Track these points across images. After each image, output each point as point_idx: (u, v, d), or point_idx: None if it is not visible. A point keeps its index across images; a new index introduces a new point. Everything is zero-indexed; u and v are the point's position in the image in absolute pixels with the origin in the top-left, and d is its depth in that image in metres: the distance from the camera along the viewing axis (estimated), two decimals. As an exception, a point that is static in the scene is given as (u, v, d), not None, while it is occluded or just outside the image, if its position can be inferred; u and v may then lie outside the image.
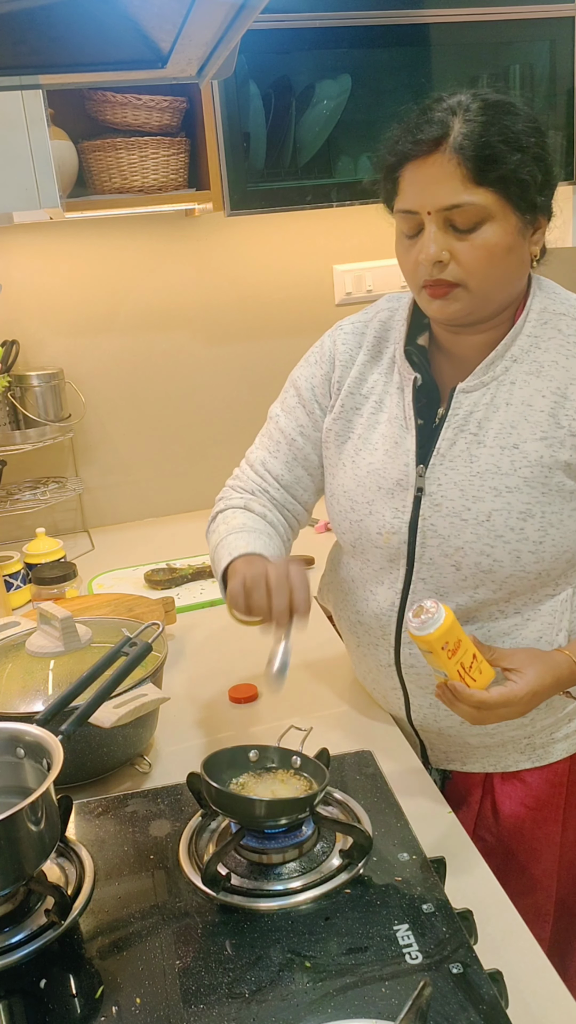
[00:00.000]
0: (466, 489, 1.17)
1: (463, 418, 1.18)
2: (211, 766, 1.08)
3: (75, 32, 0.78)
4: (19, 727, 1.06)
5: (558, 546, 1.16)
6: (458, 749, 1.32)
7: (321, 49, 1.94)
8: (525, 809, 1.31)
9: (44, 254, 2.20)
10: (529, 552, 1.16)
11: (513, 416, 1.16)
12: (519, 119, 1.09)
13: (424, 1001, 0.76)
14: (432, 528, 1.19)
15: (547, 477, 1.14)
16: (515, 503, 1.15)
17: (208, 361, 2.39)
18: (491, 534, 1.16)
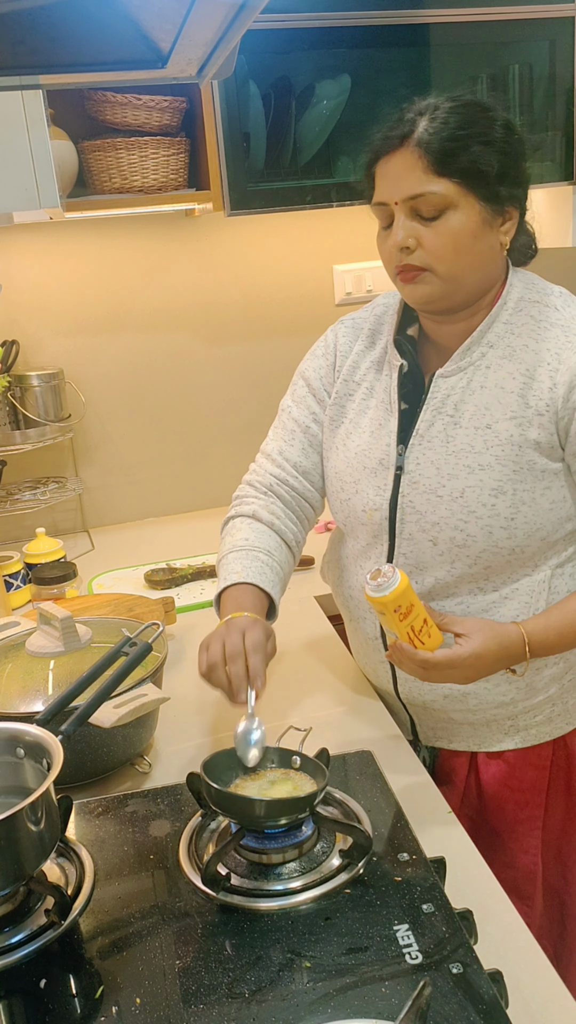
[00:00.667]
0: (442, 467, 1.24)
1: (441, 401, 1.25)
2: (211, 767, 1.08)
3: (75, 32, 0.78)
4: (19, 727, 1.06)
5: (530, 523, 1.21)
6: (444, 725, 1.37)
7: (321, 49, 1.94)
8: (508, 790, 1.35)
9: (44, 254, 2.20)
10: (501, 528, 1.21)
11: (487, 398, 1.22)
12: (485, 115, 1.17)
13: (424, 1001, 0.76)
14: (411, 505, 1.26)
15: (518, 455, 1.20)
16: (487, 480, 1.21)
17: (208, 361, 2.39)
18: (464, 510, 1.22)
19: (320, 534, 2.19)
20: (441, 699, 1.32)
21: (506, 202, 1.19)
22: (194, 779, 1.14)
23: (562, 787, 1.37)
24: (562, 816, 1.38)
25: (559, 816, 1.38)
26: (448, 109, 1.16)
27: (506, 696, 1.30)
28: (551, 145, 2.15)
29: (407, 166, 1.16)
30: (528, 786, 1.35)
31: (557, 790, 1.37)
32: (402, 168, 1.16)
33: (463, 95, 1.18)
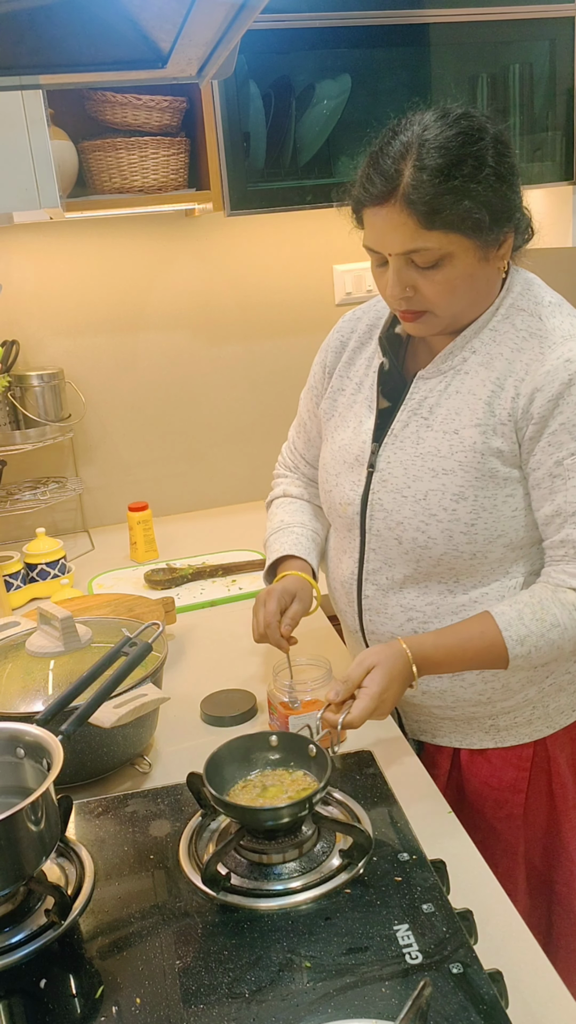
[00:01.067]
0: (409, 468, 1.25)
1: (418, 402, 1.27)
2: (214, 765, 1.09)
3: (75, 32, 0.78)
4: (19, 727, 1.06)
5: (491, 529, 1.22)
6: (427, 720, 1.39)
7: (321, 49, 1.94)
8: (488, 788, 1.37)
9: (44, 254, 2.20)
10: (461, 533, 1.22)
11: (459, 403, 1.23)
12: (468, 154, 1.10)
13: (424, 1001, 0.76)
14: (379, 502, 1.28)
15: (480, 463, 1.21)
16: (450, 485, 1.22)
17: (208, 361, 2.39)
18: (426, 512, 1.24)
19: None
20: (420, 694, 1.34)
21: (502, 232, 1.17)
22: (194, 779, 1.14)
23: (543, 789, 1.38)
24: (545, 817, 1.39)
25: (542, 817, 1.39)
26: (432, 150, 1.10)
27: (483, 695, 1.31)
28: (551, 145, 2.15)
29: (396, 222, 1.13)
30: (507, 785, 1.36)
31: (538, 792, 1.37)
32: (391, 223, 1.13)
33: (447, 120, 1.12)
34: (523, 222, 1.22)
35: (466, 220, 1.12)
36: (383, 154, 1.13)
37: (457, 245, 1.13)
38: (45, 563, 1.96)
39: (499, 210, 1.14)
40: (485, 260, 1.17)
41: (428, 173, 1.09)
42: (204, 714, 1.41)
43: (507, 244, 1.19)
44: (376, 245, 1.18)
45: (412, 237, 1.13)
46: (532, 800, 1.37)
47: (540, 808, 1.38)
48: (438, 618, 1.28)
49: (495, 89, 2.09)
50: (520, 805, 1.36)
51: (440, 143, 1.11)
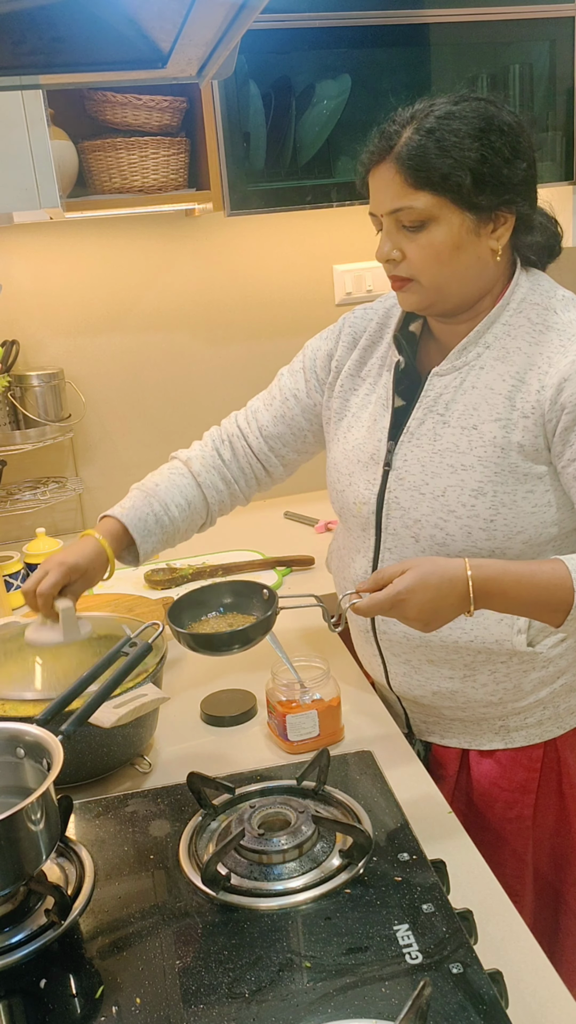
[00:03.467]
0: (427, 465, 1.25)
1: (433, 399, 1.26)
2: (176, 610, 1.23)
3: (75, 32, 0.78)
4: (19, 727, 1.06)
5: (510, 525, 1.21)
6: (435, 720, 1.39)
7: (321, 49, 1.94)
8: (498, 789, 1.36)
9: (44, 254, 2.20)
10: (480, 529, 1.21)
11: (476, 399, 1.22)
12: (463, 124, 1.14)
13: (424, 1001, 0.76)
14: (396, 500, 1.27)
15: (500, 457, 1.20)
16: (468, 480, 1.21)
17: (208, 361, 2.39)
18: (445, 508, 1.22)
19: (320, 534, 2.19)
20: (430, 695, 1.34)
21: (495, 208, 1.17)
22: (194, 779, 1.14)
23: (553, 789, 1.37)
24: (555, 818, 1.38)
25: (551, 818, 1.38)
26: (427, 119, 1.14)
27: (494, 696, 1.30)
28: (551, 145, 2.15)
29: (388, 179, 1.17)
30: (517, 787, 1.35)
31: (548, 792, 1.37)
32: (384, 181, 1.17)
33: (455, 98, 1.17)
34: (533, 218, 1.22)
35: (448, 180, 1.13)
36: (391, 120, 1.18)
37: (443, 209, 1.15)
38: (45, 563, 1.96)
39: (486, 179, 1.14)
40: (475, 234, 1.17)
41: (422, 134, 1.14)
42: (204, 714, 1.41)
43: (504, 226, 1.19)
44: (373, 207, 1.21)
45: (399, 194, 1.16)
46: (541, 801, 1.36)
47: (549, 810, 1.37)
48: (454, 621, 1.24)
49: (495, 89, 2.08)
50: (530, 806, 1.35)
51: (442, 112, 1.15)
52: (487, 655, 1.28)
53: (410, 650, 1.33)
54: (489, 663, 1.29)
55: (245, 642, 1.19)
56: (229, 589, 1.30)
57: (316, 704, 1.29)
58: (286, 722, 1.28)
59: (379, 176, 1.18)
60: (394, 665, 1.37)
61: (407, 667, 1.35)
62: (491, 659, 1.28)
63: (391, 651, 1.36)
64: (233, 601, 1.28)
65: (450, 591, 1.07)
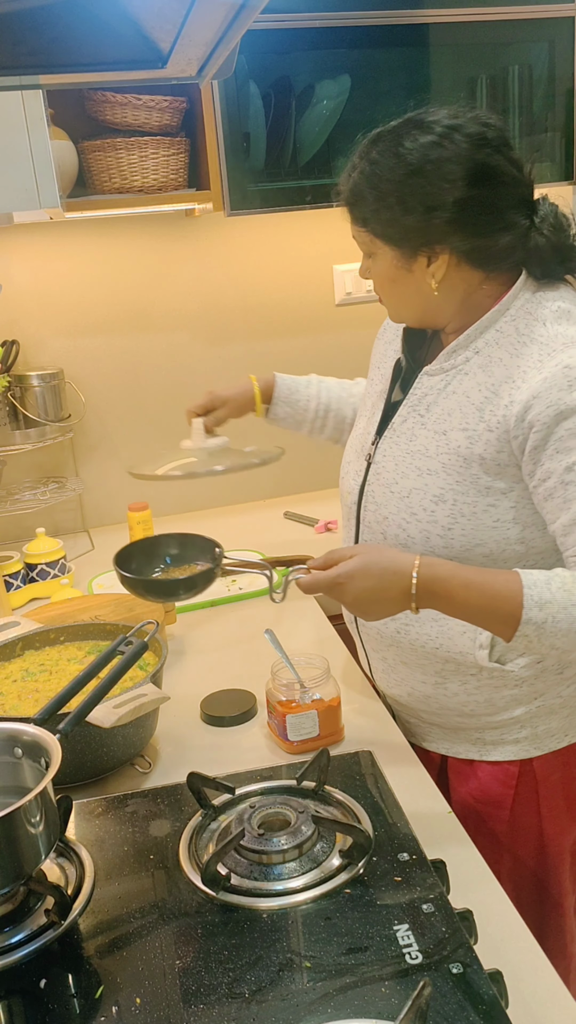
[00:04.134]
0: (399, 464, 1.27)
1: (418, 399, 1.28)
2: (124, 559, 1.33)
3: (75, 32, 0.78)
4: (17, 727, 1.06)
5: (468, 537, 1.20)
6: (416, 722, 1.41)
7: (321, 49, 1.94)
8: (474, 800, 1.35)
9: (44, 254, 2.20)
10: (438, 536, 1.21)
11: (453, 404, 1.23)
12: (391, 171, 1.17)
13: (424, 1001, 0.76)
14: (371, 495, 1.30)
15: (463, 468, 1.19)
16: (431, 486, 1.22)
17: (208, 361, 2.39)
18: (408, 510, 1.24)
19: (320, 534, 2.19)
20: (406, 695, 1.35)
21: (425, 245, 1.17)
22: (194, 779, 1.14)
23: (532, 810, 1.34)
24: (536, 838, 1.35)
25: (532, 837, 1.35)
26: (365, 159, 1.20)
27: (465, 707, 1.30)
28: (551, 145, 2.15)
29: (344, 215, 1.26)
30: (492, 800, 1.33)
31: (526, 811, 1.33)
32: (343, 215, 1.26)
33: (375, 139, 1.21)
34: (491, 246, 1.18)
35: (377, 217, 1.20)
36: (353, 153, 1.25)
37: (376, 246, 1.22)
38: (45, 563, 1.96)
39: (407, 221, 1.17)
40: (406, 270, 1.21)
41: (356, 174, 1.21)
42: (204, 714, 1.41)
43: (437, 263, 1.18)
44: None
45: (352, 228, 1.26)
46: (519, 818, 1.33)
47: (530, 826, 1.34)
48: (419, 622, 1.26)
49: (495, 90, 2.08)
50: (504, 821, 1.33)
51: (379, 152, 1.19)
52: (455, 665, 1.27)
53: (384, 647, 1.35)
54: (459, 673, 1.28)
55: (190, 588, 1.30)
56: (176, 541, 1.39)
57: (316, 704, 1.29)
58: (286, 722, 1.28)
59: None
60: (375, 660, 1.40)
61: (384, 664, 1.37)
62: (460, 670, 1.28)
63: (370, 645, 1.38)
64: (180, 553, 1.38)
65: (392, 584, 1.08)
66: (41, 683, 1.35)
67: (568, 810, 1.35)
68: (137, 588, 1.32)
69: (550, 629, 1.06)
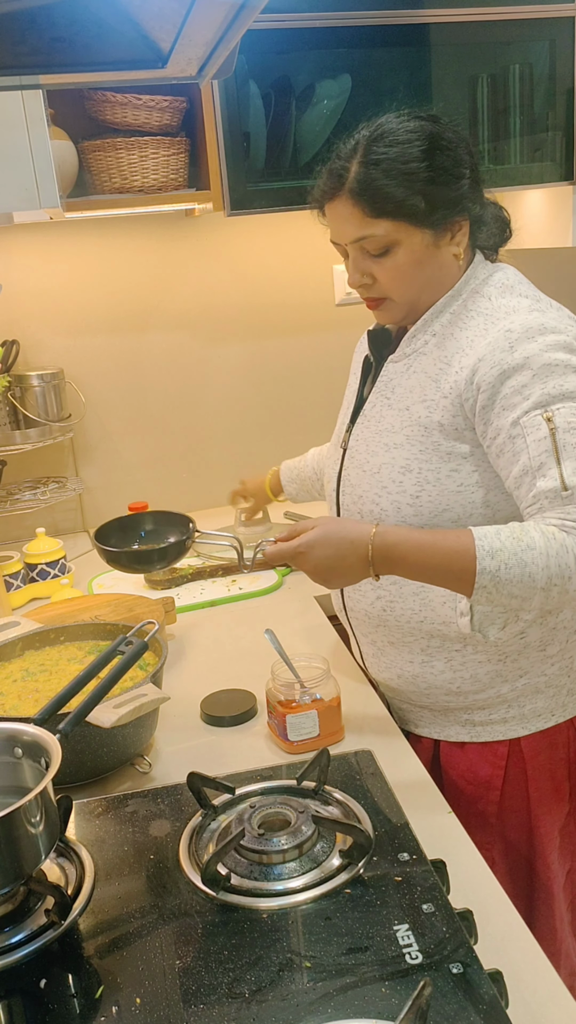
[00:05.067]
0: (369, 444, 1.33)
1: (384, 384, 1.35)
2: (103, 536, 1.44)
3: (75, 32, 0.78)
4: (16, 727, 1.06)
5: (435, 503, 1.25)
6: (408, 707, 1.44)
7: (321, 49, 1.94)
8: (465, 783, 1.38)
9: (44, 254, 2.20)
10: (408, 505, 1.27)
11: (414, 382, 1.29)
12: (407, 150, 1.20)
13: (424, 1001, 0.76)
14: (348, 478, 1.36)
15: (424, 436, 1.26)
16: (398, 458, 1.28)
17: (208, 361, 2.39)
18: (379, 485, 1.29)
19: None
20: (396, 678, 1.38)
21: (448, 219, 1.23)
22: (194, 779, 1.14)
23: (520, 790, 1.36)
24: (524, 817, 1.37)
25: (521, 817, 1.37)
26: (376, 147, 1.20)
27: (452, 684, 1.33)
28: (551, 145, 2.15)
29: (346, 213, 1.24)
30: (482, 782, 1.37)
31: (515, 792, 1.36)
32: (343, 214, 1.24)
33: (394, 121, 1.22)
34: (485, 214, 1.29)
35: (402, 206, 1.20)
36: (336, 156, 1.26)
37: (402, 232, 1.22)
38: (45, 563, 1.96)
39: (438, 198, 1.21)
40: (435, 247, 1.24)
41: (369, 166, 1.20)
42: (204, 714, 1.41)
43: (460, 232, 1.26)
44: (335, 237, 1.29)
45: (359, 226, 1.23)
46: (509, 799, 1.37)
47: (519, 808, 1.37)
48: (402, 599, 1.31)
49: (495, 89, 2.08)
50: (495, 803, 1.36)
51: (385, 141, 1.21)
52: (440, 639, 1.31)
53: (372, 629, 1.37)
54: (444, 649, 1.32)
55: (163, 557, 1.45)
56: (151, 519, 1.51)
57: (316, 704, 1.29)
58: (286, 722, 1.28)
59: (336, 210, 1.26)
60: (364, 645, 1.43)
61: (373, 648, 1.40)
62: (445, 645, 1.31)
63: (359, 630, 1.42)
64: (154, 529, 1.51)
65: (349, 551, 1.15)
66: (41, 683, 1.35)
67: (555, 790, 1.38)
68: (119, 560, 1.46)
69: (504, 577, 1.10)
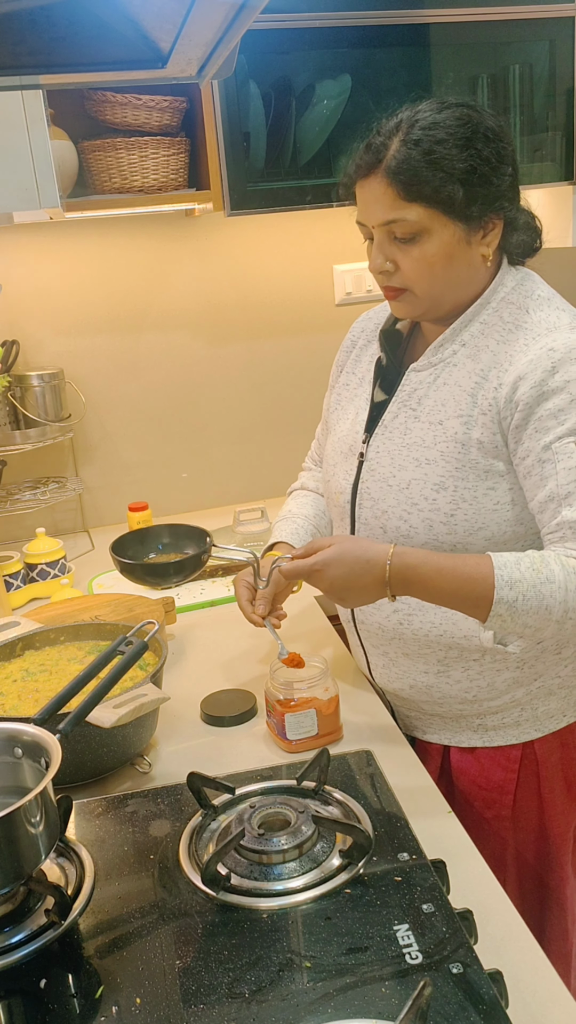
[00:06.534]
0: (395, 458, 1.28)
1: (408, 394, 1.30)
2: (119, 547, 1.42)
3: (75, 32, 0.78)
4: (16, 727, 1.06)
5: (470, 521, 1.23)
6: (417, 715, 1.42)
7: (321, 49, 1.94)
8: (476, 788, 1.37)
9: (44, 254, 2.20)
10: (441, 523, 1.24)
11: (445, 395, 1.26)
12: (450, 136, 1.16)
13: (424, 1001, 0.76)
14: (367, 491, 1.32)
15: (461, 453, 1.22)
16: (431, 475, 1.24)
17: (208, 361, 2.39)
18: (408, 501, 1.26)
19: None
20: (408, 688, 1.36)
21: (485, 216, 1.20)
22: (194, 779, 1.14)
23: (532, 792, 1.37)
24: (536, 819, 1.38)
25: (533, 819, 1.37)
26: (413, 130, 1.17)
27: (468, 693, 1.32)
28: (551, 145, 2.15)
29: (379, 192, 1.19)
30: (495, 786, 1.36)
31: (527, 794, 1.36)
32: (375, 194, 1.20)
33: (437, 105, 1.19)
34: (519, 219, 1.25)
35: (439, 193, 1.16)
36: (376, 132, 1.21)
37: (435, 221, 1.18)
38: (45, 563, 1.96)
39: (477, 191, 1.17)
40: (467, 243, 1.21)
41: (410, 147, 1.16)
42: (204, 714, 1.41)
43: (493, 232, 1.22)
44: (362, 217, 1.24)
45: (391, 207, 1.18)
46: (521, 803, 1.37)
47: (531, 811, 1.37)
48: (422, 610, 1.28)
49: (495, 89, 2.08)
50: (508, 807, 1.36)
51: (428, 123, 1.17)
52: (459, 651, 1.29)
53: (386, 642, 1.35)
54: (462, 660, 1.30)
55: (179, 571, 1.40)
56: (168, 531, 1.48)
57: (315, 703, 1.29)
58: (285, 721, 1.28)
59: (368, 188, 1.21)
60: (374, 656, 1.40)
61: (385, 659, 1.38)
62: (463, 655, 1.30)
63: (370, 642, 1.39)
64: (171, 542, 1.48)
65: (364, 572, 1.13)
66: (41, 683, 1.35)
67: (567, 791, 1.38)
68: (134, 572, 1.43)
69: (521, 608, 1.10)
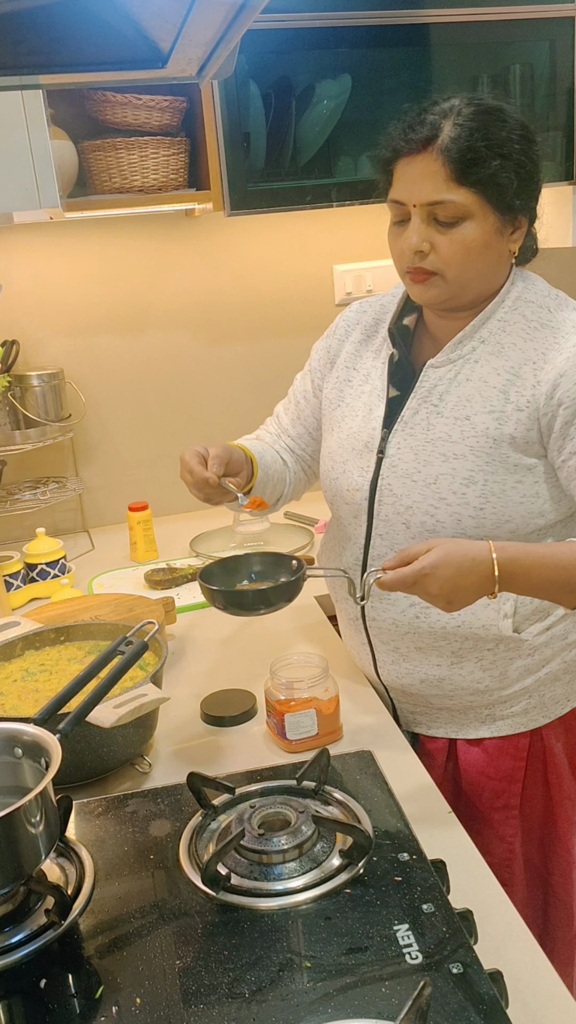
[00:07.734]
0: (419, 453, 1.28)
1: (428, 390, 1.29)
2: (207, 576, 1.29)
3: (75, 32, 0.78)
4: (16, 727, 1.06)
5: (499, 515, 1.24)
6: (423, 710, 1.41)
7: (321, 49, 1.94)
8: (485, 779, 1.38)
9: (44, 254, 2.20)
10: (470, 517, 1.24)
11: (470, 391, 1.26)
12: (506, 126, 1.18)
13: (424, 1001, 0.76)
14: (388, 487, 1.30)
15: (492, 448, 1.23)
16: (460, 469, 1.24)
17: (208, 361, 2.39)
18: (436, 496, 1.26)
19: (320, 534, 2.19)
20: (418, 683, 1.36)
21: (519, 212, 1.23)
22: (194, 779, 1.14)
23: (539, 779, 1.39)
24: (541, 806, 1.40)
25: (538, 806, 1.40)
26: (470, 115, 1.17)
27: (480, 683, 1.33)
28: (551, 145, 2.15)
29: (429, 171, 1.17)
30: (504, 775, 1.37)
31: (534, 782, 1.39)
32: (424, 172, 1.18)
33: (484, 99, 1.20)
34: (534, 223, 1.28)
35: (495, 179, 1.17)
36: (427, 111, 1.19)
37: (479, 208, 1.18)
38: (45, 563, 1.96)
39: (523, 182, 1.20)
40: (500, 235, 1.22)
41: (467, 129, 1.16)
42: (204, 714, 1.41)
43: (520, 230, 1.25)
44: (404, 196, 1.21)
45: (440, 188, 1.17)
46: (528, 791, 1.38)
47: (536, 799, 1.39)
48: None
49: (496, 89, 2.08)
50: (516, 796, 1.37)
51: (476, 113, 1.18)
52: (474, 641, 1.31)
53: (399, 637, 1.35)
54: (476, 650, 1.31)
55: (269, 604, 1.27)
56: (259, 560, 1.36)
57: (314, 703, 1.29)
58: (284, 721, 1.28)
59: (417, 165, 1.19)
60: (382, 654, 1.40)
61: (395, 655, 1.37)
62: (478, 645, 1.31)
63: (380, 639, 1.39)
64: (263, 570, 1.35)
65: (471, 570, 1.10)
66: (41, 683, 1.35)
67: (573, 776, 1.40)
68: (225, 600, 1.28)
69: None
